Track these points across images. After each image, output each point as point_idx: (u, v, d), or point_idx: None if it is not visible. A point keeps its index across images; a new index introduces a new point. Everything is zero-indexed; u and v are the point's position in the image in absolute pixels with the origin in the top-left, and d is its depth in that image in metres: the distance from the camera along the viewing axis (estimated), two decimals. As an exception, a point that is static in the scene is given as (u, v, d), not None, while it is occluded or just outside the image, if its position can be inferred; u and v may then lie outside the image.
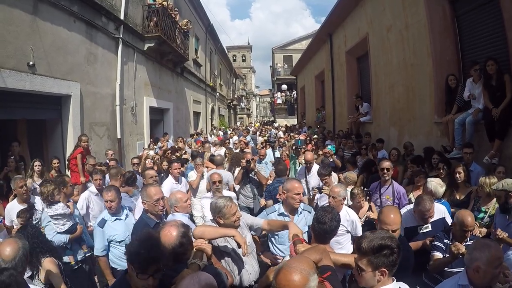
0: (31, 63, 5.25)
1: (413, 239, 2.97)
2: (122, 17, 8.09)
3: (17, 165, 4.97)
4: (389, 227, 2.29)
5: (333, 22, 10.89)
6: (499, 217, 3.08)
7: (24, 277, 2.12)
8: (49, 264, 2.54)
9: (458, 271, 2.31)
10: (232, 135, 13.59)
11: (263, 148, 7.87)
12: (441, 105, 5.55)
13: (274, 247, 3.04)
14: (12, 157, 5.00)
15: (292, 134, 12.17)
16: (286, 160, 6.86)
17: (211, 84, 19.77)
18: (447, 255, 2.60)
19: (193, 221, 4.46)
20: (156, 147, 9.22)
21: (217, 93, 22.55)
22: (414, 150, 5.74)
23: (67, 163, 5.74)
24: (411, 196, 4.01)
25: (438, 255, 2.64)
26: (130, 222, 3.31)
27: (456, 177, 3.83)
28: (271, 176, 5.22)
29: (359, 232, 3.23)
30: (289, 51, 28.87)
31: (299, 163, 6.16)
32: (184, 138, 11.23)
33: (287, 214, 3.06)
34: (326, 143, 8.55)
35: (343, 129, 10.07)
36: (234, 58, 40.61)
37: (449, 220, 3.15)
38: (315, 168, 4.98)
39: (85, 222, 4.03)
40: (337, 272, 1.96)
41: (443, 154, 4.86)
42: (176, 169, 5.02)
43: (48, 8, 5.68)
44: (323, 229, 2.21)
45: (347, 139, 7.88)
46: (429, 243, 2.79)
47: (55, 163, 5.34)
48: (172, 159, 6.38)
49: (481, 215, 3.36)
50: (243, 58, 42.94)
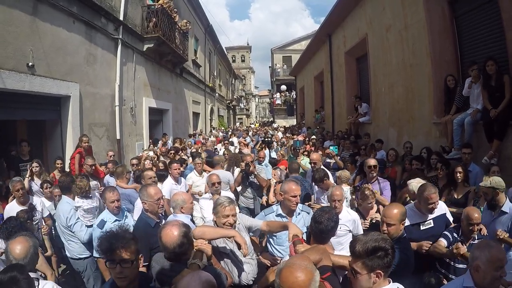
0: (30, 63, 5.25)
1: (415, 236, 2.96)
2: (121, 17, 8.09)
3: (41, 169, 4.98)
4: (384, 218, 2.40)
5: (332, 23, 10.91)
6: (485, 213, 3.21)
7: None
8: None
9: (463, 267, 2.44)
10: (231, 136, 13.55)
11: (262, 150, 7.85)
12: (440, 106, 5.56)
13: (272, 248, 3.04)
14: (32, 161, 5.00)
15: (289, 136, 12.12)
16: (283, 160, 6.83)
17: (210, 85, 19.77)
18: (451, 247, 2.63)
19: (193, 221, 4.46)
20: (156, 148, 9.22)
21: (216, 94, 22.56)
22: (412, 150, 5.75)
23: (68, 163, 5.76)
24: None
25: (443, 241, 2.74)
26: (129, 223, 3.32)
27: (456, 177, 3.84)
28: (275, 175, 5.21)
29: (360, 231, 3.24)
30: (289, 52, 28.88)
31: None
32: (184, 139, 11.24)
33: (285, 215, 3.06)
34: (327, 143, 8.55)
35: (342, 130, 10.08)
36: (234, 58, 40.67)
37: (449, 217, 3.17)
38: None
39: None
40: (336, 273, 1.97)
41: (441, 154, 4.87)
42: (175, 169, 5.01)
43: (48, 9, 5.68)
44: (319, 228, 2.22)
45: (344, 139, 7.88)
46: (424, 251, 2.78)
47: (58, 163, 5.35)
48: (175, 159, 6.40)
49: (481, 214, 3.37)
50: (242, 58, 42.99)
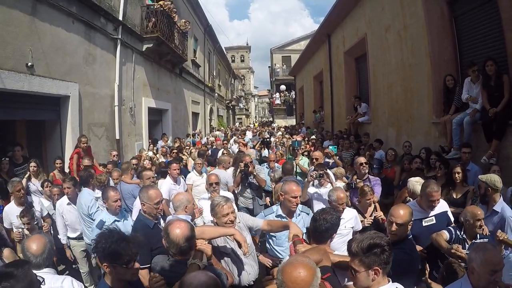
0: (29, 64, 5.25)
1: (416, 231, 2.98)
2: (120, 17, 8.08)
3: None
4: (393, 218, 2.39)
5: (331, 23, 10.92)
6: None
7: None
8: (10, 254, 2.87)
9: None
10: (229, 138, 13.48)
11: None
12: (439, 105, 5.57)
13: (272, 248, 3.04)
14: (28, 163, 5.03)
15: (287, 136, 12.05)
16: (282, 160, 6.81)
17: (209, 85, 19.77)
18: (451, 245, 2.64)
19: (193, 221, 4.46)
20: (155, 147, 9.22)
21: (216, 94, 22.55)
22: (411, 149, 5.76)
23: (68, 163, 5.76)
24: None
25: (446, 234, 2.77)
26: (128, 224, 3.31)
27: (455, 177, 3.85)
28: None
29: (359, 226, 3.31)
30: (288, 52, 28.88)
31: (296, 165, 6.14)
32: (182, 139, 11.23)
33: (285, 216, 3.06)
34: (326, 143, 8.55)
35: (342, 130, 10.09)
36: (233, 58, 40.66)
37: (450, 216, 3.18)
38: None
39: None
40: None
41: (440, 154, 4.88)
42: (174, 169, 5.01)
43: (47, 9, 5.68)
44: (314, 226, 2.23)
45: (344, 139, 7.88)
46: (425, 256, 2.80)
47: (58, 163, 5.36)
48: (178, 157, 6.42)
49: None
50: (242, 58, 42.98)
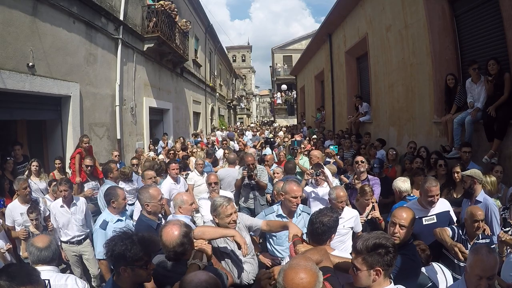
0: (30, 64, 5.25)
1: (416, 230, 2.96)
2: (121, 17, 8.09)
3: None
4: (397, 220, 2.29)
5: (332, 22, 10.90)
6: (464, 202, 3.39)
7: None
8: None
9: None
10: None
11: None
12: (440, 105, 5.56)
13: (272, 248, 3.04)
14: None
15: (289, 136, 12.02)
16: (285, 160, 6.81)
17: (210, 85, 19.77)
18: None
19: (193, 222, 4.47)
20: (156, 147, 9.23)
21: (217, 94, 22.56)
22: (416, 150, 5.73)
23: (68, 163, 5.77)
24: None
25: (449, 230, 2.77)
26: (130, 223, 3.32)
27: (454, 177, 3.85)
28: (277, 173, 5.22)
29: (359, 227, 3.31)
30: (289, 51, 28.84)
31: (296, 164, 6.14)
32: (185, 139, 11.25)
33: (285, 215, 3.06)
34: (327, 143, 8.54)
35: (343, 129, 10.08)
36: (234, 58, 40.64)
37: (453, 216, 3.18)
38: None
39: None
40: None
41: (441, 153, 4.87)
42: (174, 169, 5.02)
43: (48, 9, 5.68)
44: (310, 229, 2.22)
45: (345, 139, 7.87)
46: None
47: (57, 163, 5.38)
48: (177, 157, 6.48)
49: None
50: (243, 58, 42.96)
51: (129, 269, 1.71)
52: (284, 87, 28.46)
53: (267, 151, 8.88)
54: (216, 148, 9.58)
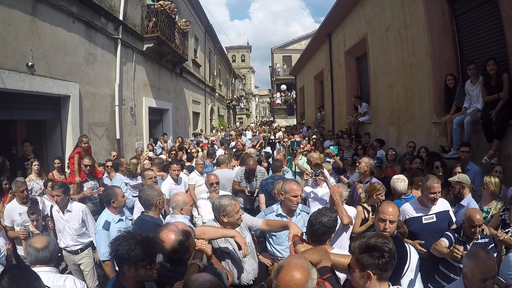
0: (30, 63, 5.25)
1: (416, 228, 2.99)
2: (121, 17, 8.09)
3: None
4: (386, 216, 2.31)
5: (332, 22, 10.90)
6: (456, 207, 3.42)
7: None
8: None
9: None
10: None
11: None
12: (440, 105, 5.56)
13: (272, 247, 3.04)
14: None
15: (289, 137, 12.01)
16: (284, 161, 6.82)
17: (210, 85, 19.77)
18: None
19: (193, 222, 4.46)
20: (156, 147, 9.22)
21: (216, 94, 22.55)
22: (415, 150, 5.74)
23: (67, 162, 5.76)
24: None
25: (445, 241, 2.73)
26: (129, 223, 3.31)
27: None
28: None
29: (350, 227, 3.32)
30: (289, 51, 28.82)
31: (295, 165, 6.14)
32: (184, 138, 11.24)
33: (285, 215, 3.07)
34: (327, 143, 8.54)
35: (342, 129, 10.08)
36: (234, 58, 40.63)
37: (452, 216, 3.18)
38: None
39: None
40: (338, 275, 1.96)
41: (440, 154, 4.87)
42: (175, 170, 5.02)
43: (47, 9, 5.68)
44: (310, 230, 2.23)
45: (344, 139, 7.87)
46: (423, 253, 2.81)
47: (56, 162, 5.39)
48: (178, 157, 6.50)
49: (483, 215, 3.36)
50: (243, 58, 42.96)
51: (133, 268, 1.72)
52: (283, 87, 28.44)
53: (267, 150, 8.88)
54: (216, 148, 9.57)
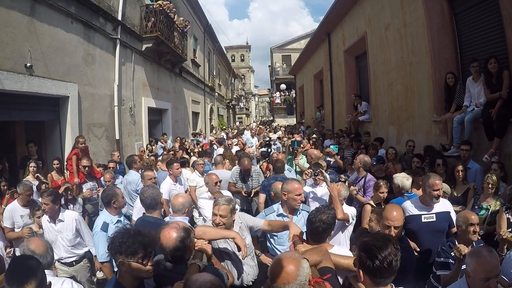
0: (28, 64, 5.23)
1: (415, 227, 2.97)
2: (119, 17, 8.06)
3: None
4: (390, 222, 2.32)
5: (331, 21, 10.89)
6: None
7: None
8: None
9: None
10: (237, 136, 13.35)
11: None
12: (440, 103, 5.54)
13: (273, 247, 3.03)
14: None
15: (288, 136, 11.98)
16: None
17: (209, 84, 19.75)
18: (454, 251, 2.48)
19: (193, 222, 4.45)
20: (155, 147, 9.20)
21: (216, 93, 22.53)
22: (415, 149, 5.73)
23: (65, 163, 5.75)
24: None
25: (445, 273, 2.51)
26: (126, 223, 3.30)
27: (457, 175, 3.84)
28: (270, 170, 5.20)
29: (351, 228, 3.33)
30: (288, 51, 28.85)
31: (296, 164, 6.13)
32: (184, 138, 11.22)
33: (286, 214, 3.06)
34: (327, 142, 8.52)
35: (342, 128, 10.07)
36: (233, 58, 40.65)
37: (453, 216, 3.14)
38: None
39: None
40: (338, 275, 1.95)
41: (440, 152, 4.86)
42: (177, 169, 5.00)
43: (45, 9, 5.66)
44: (310, 228, 2.24)
45: (344, 138, 7.86)
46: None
47: (55, 163, 5.38)
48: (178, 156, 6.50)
49: (482, 212, 3.36)
50: (242, 58, 42.97)
51: (126, 262, 1.73)
52: (283, 86, 28.44)
53: (262, 150, 8.84)
54: (215, 148, 9.57)
